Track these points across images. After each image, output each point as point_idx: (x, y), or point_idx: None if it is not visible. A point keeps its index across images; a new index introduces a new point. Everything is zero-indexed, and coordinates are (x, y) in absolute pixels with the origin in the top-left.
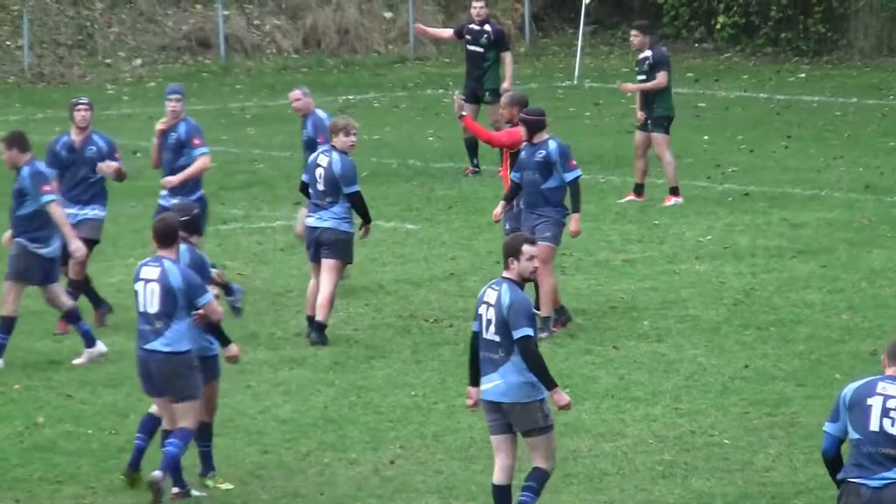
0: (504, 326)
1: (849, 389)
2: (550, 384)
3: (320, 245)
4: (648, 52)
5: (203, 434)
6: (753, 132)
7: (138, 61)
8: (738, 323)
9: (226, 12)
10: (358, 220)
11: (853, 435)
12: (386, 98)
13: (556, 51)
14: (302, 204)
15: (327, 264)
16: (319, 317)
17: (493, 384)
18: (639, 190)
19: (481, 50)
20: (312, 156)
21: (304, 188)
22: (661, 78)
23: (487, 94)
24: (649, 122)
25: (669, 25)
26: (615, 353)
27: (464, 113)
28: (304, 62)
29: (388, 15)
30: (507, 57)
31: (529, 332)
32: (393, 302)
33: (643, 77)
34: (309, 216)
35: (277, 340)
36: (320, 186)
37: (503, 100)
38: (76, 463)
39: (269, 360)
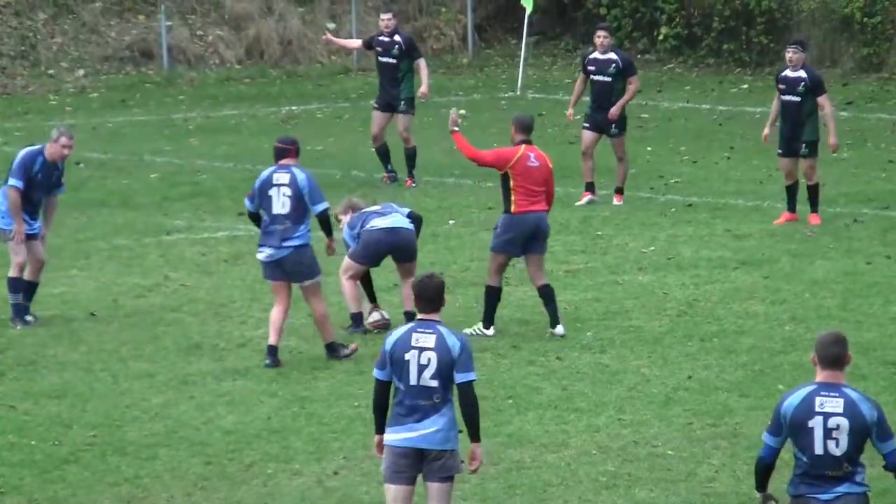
0: (447, 370)
1: (788, 406)
2: (478, 436)
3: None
4: (614, 55)
5: None
6: (696, 143)
7: (81, 72)
8: (681, 334)
9: (169, 23)
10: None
11: (800, 456)
12: (329, 109)
13: (499, 62)
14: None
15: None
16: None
17: (421, 432)
18: (591, 188)
19: (394, 61)
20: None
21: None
22: (637, 83)
23: (403, 103)
24: (614, 124)
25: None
26: (558, 363)
27: (456, 128)
28: (246, 73)
29: (331, 26)
30: (422, 63)
31: (475, 376)
32: (336, 313)
33: (607, 79)
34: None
35: (221, 351)
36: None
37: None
38: (19, 474)
39: (212, 370)
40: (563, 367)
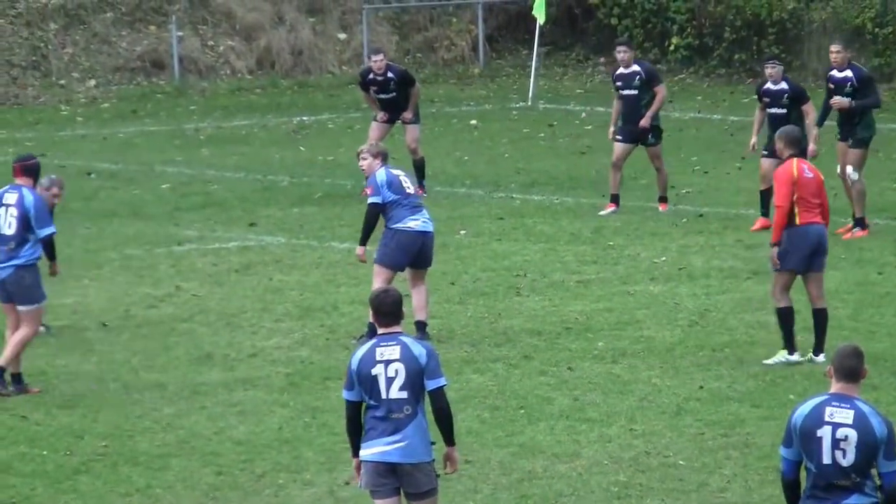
0: (417, 379)
1: (798, 416)
2: (453, 439)
3: None
4: (637, 67)
5: None
6: (707, 153)
7: (92, 82)
8: (692, 344)
9: (180, 33)
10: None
11: (808, 465)
12: (340, 119)
13: (511, 72)
14: None
15: None
16: None
17: (394, 445)
18: (616, 200)
19: (392, 95)
20: None
21: None
22: (663, 90)
23: (413, 115)
24: (650, 134)
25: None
26: (570, 374)
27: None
28: (258, 83)
29: (342, 36)
30: (415, 90)
31: (445, 381)
32: (347, 323)
33: (634, 92)
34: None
35: (232, 361)
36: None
37: (776, 135)
38: (31, 484)
39: (223, 381)
40: (575, 378)
